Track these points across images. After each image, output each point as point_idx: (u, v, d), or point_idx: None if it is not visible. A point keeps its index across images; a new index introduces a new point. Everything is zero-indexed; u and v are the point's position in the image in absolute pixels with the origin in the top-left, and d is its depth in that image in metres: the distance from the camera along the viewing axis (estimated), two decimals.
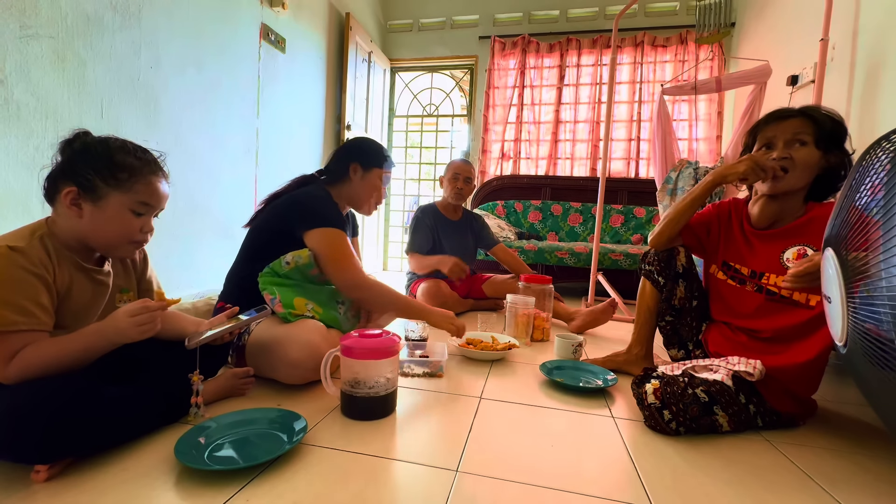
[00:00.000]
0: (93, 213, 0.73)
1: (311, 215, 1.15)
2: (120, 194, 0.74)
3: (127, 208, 0.75)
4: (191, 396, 0.83)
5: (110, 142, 0.76)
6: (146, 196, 0.77)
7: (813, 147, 0.96)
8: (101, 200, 0.73)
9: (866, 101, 1.65)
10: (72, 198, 0.72)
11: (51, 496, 0.61)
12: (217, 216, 2.02)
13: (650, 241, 1.19)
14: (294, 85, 2.60)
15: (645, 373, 1.03)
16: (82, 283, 0.76)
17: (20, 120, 1.27)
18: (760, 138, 1.03)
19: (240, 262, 1.20)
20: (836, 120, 0.97)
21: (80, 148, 0.74)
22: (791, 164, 0.96)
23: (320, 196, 1.21)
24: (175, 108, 1.77)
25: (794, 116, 0.98)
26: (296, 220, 1.15)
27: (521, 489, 0.69)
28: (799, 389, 0.95)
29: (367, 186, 1.30)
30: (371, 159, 1.29)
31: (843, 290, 0.52)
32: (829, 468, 0.80)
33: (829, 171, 0.98)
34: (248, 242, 1.21)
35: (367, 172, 1.29)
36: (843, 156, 0.97)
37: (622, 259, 2.61)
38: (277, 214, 1.18)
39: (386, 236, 3.97)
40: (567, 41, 3.38)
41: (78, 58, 1.41)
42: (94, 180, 0.72)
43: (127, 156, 0.75)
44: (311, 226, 1.13)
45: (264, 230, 1.18)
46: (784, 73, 2.18)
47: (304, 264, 1.12)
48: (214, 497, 0.62)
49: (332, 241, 1.13)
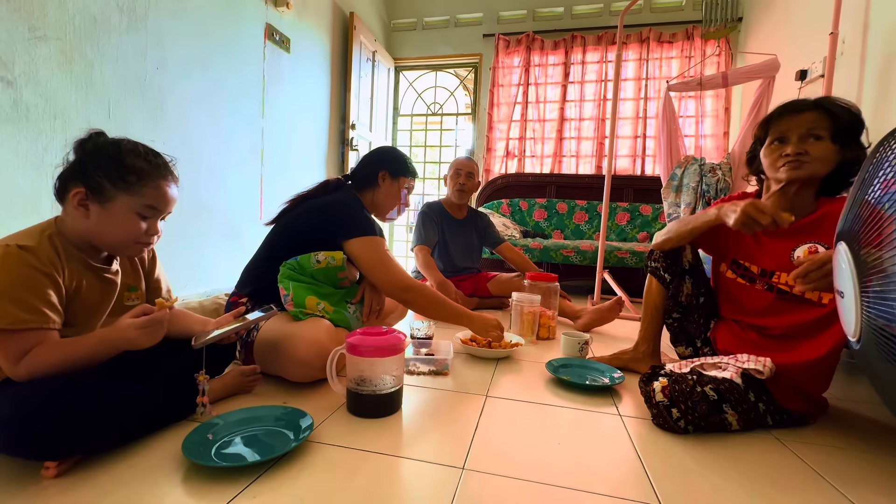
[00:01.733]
0: (100, 215, 0.74)
1: (352, 224, 1.18)
2: (127, 197, 0.75)
3: (133, 211, 0.76)
4: (197, 395, 0.83)
5: (122, 144, 0.77)
6: (153, 200, 0.77)
7: (829, 142, 0.92)
8: (109, 202, 0.74)
9: (878, 96, 1.62)
10: (79, 198, 0.72)
11: (60, 492, 0.62)
12: (223, 215, 2.03)
13: (654, 244, 1.17)
14: (299, 85, 2.61)
15: (653, 370, 1.02)
16: (91, 282, 0.77)
17: (29, 121, 1.28)
18: (773, 131, 0.98)
19: (261, 258, 1.20)
20: (854, 112, 0.92)
21: (91, 149, 0.75)
22: (807, 158, 0.92)
23: (355, 203, 1.25)
24: (181, 108, 1.78)
25: (809, 109, 0.94)
26: (336, 228, 1.17)
27: (528, 487, 0.68)
28: (810, 387, 0.93)
29: (394, 194, 1.33)
30: (399, 168, 1.33)
31: (857, 285, 0.51)
32: (841, 467, 0.79)
33: (844, 165, 0.94)
34: (273, 240, 1.21)
35: (394, 180, 1.32)
36: (859, 150, 0.93)
37: (628, 257, 2.59)
38: (312, 221, 1.19)
39: (391, 235, 3.98)
40: (572, 38, 3.36)
41: (85, 59, 1.42)
42: (102, 182, 0.73)
43: (137, 159, 0.76)
44: (353, 234, 1.16)
45: (294, 231, 1.19)
46: (792, 68, 2.15)
47: (335, 267, 1.13)
48: (222, 494, 0.63)
49: (375, 249, 1.17)
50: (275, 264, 1.13)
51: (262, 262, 1.19)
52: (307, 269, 1.12)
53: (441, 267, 2.06)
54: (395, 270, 1.19)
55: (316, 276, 1.14)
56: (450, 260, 2.15)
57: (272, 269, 1.13)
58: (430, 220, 2.11)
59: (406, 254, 4.03)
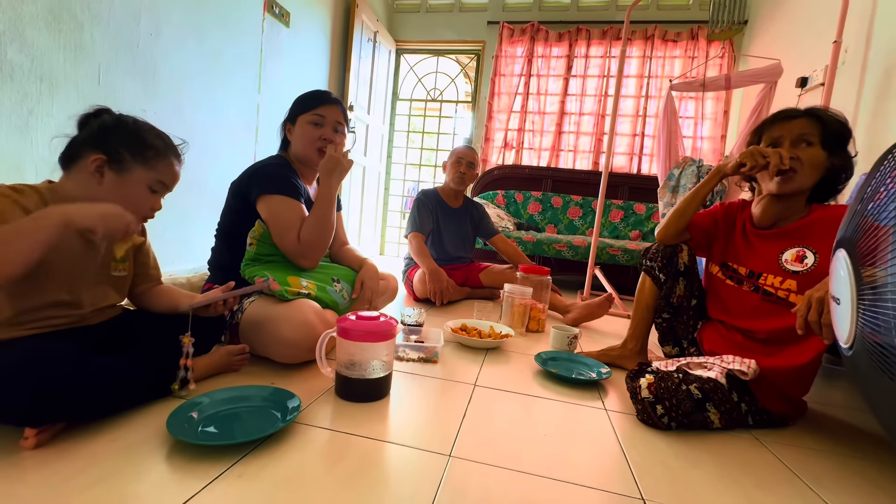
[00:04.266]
0: (114, 183, 0.77)
1: (258, 181, 1.12)
2: (144, 170, 0.79)
3: (146, 184, 0.80)
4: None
5: (140, 122, 0.82)
6: (165, 176, 0.83)
7: (819, 148, 0.96)
8: (126, 172, 0.78)
9: (876, 106, 1.64)
10: (98, 164, 0.75)
11: (39, 463, 0.61)
12: (214, 191, 1.99)
13: (657, 235, 1.18)
14: (297, 61, 2.55)
15: (639, 367, 1.03)
16: (70, 239, 0.74)
17: (13, 81, 1.23)
18: (766, 138, 1.02)
19: (216, 246, 1.22)
20: (842, 121, 0.97)
21: (111, 122, 0.79)
22: (798, 164, 0.96)
23: (272, 163, 1.17)
24: (175, 78, 1.73)
25: (800, 116, 0.98)
26: (248, 190, 1.12)
27: (513, 476, 0.69)
28: (791, 390, 0.96)
29: (303, 135, 1.20)
30: (294, 110, 1.24)
31: (855, 293, 0.51)
32: (815, 467, 0.81)
33: (832, 172, 0.98)
34: (218, 225, 1.22)
35: (295, 125, 1.23)
36: (847, 157, 0.97)
37: (620, 254, 2.61)
38: (233, 192, 1.17)
39: (384, 221, 3.95)
40: (577, 31, 3.33)
41: (75, 20, 1.36)
42: (123, 153, 0.77)
43: (155, 138, 0.82)
44: (260, 193, 1.10)
45: (227, 210, 1.19)
46: (794, 75, 2.16)
47: (261, 234, 1.12)
48: (206, 471, 0.62)
49: (274, 209, 1.09)
50: (229, 245, 1.16)
51: (218, 249, 1.21)
52: (252, 256, 1.13)
53: (434, 255, 2.06)
54: (287, 237, 1.08)
55: (272, 255, 1.14)
56: (443, 248, 2.14)
57: (229, 254, 1.15)
58: (426, 207, 2.09)
59: (399, 240, 4.01)
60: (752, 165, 0.97)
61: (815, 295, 0.75)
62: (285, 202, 1.10)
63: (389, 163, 3.89)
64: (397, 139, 3.91)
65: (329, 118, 1.20)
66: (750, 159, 0.98)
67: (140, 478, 0.60)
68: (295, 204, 1.11)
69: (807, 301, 0.75)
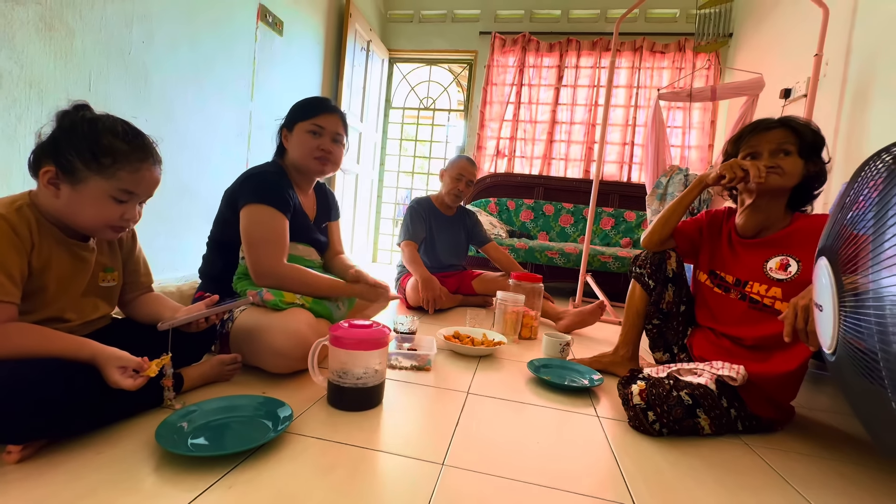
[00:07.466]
0: (70, 196, 0.70)
1: (246, 189, 1.08)
2: (101, 180, 0.70)
3: (107, 194, 0.71)
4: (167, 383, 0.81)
5: (101, 122, 0.72)
6: (130, 184, 0.73)
7: (797, 156, 0.99)
8: (80, 184, 0.69)
9: (855, 117, 1.69)
10: (49, 177, 0.68)
11: (23, 478, 0.60)
12: (206, 199, 1.97)
13: (643, 242, 1.21)
14: (290, 69, 2.55)
15: (631, 374, 1.04)
16: (62, 257, 0.73)
17: (1, 88, 1.22)
18: (744, 148, 1.05)
19: (207, 255, 1.22)
20: (815, 130, 1.01)
21: (67, 125, 0.70)
22: (780, 171, 0.98)
23: (266, 170, 1.13)
24: (167, 85, 1.72)
25: (776, 127, 1.01)
26: (238, 196, 1.10)
27: (507, 484, 0.69)
28: (779, 396, 0.97)
29: (301, 143, 1.17)
30: (291, 117, 1.20)
31: (836, 300, 0.53)
32: (804, 472, 0.82)
33: (808, 178, 1.01)
34: (211, 234, 1.21)
35: (291, 132, 1.19)
36: (821, 164, 1.01)
37: (611, 262, 2.64)
38: (226, 200, 1.16)
39: (377, 229, 3.94)
40: (567, 42, 3.39)
41: (66, 27, 1.36)
42: (74, 161, 0.68)
43: (115, 139, 0.71)
44: (245, 201, 1.07)
45: (219, 219, 1.18)
46: (778, 86, 2.22)
47: None
48: (196, 483, 0.61)
49: (254, 219, 1.05)
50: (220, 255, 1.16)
51: (210, 259, 1.21)
52: (244, 270, 1.12)
53: (427, 263, 2.06)
54: (259, 252, 1.04)
55: None
56: (436, 256, 2.15)
57: (220, 264, 1.15)
58: (419, 215, 2.10)
59: (391, 248, 4.01)
60: (731, 178, 1.00)
61: (800, 303, 0.76)
62: (267, 213, 1.06)
63: (382, 170, 3.90)
64: (390, 147, 3.93)
65: (328, 128, 1.18)
66: (729, 171, 1.00)
67: (128, 490, 0.59)
68: (277, 217, 1.07)
69: (793, 309, 0.77)
